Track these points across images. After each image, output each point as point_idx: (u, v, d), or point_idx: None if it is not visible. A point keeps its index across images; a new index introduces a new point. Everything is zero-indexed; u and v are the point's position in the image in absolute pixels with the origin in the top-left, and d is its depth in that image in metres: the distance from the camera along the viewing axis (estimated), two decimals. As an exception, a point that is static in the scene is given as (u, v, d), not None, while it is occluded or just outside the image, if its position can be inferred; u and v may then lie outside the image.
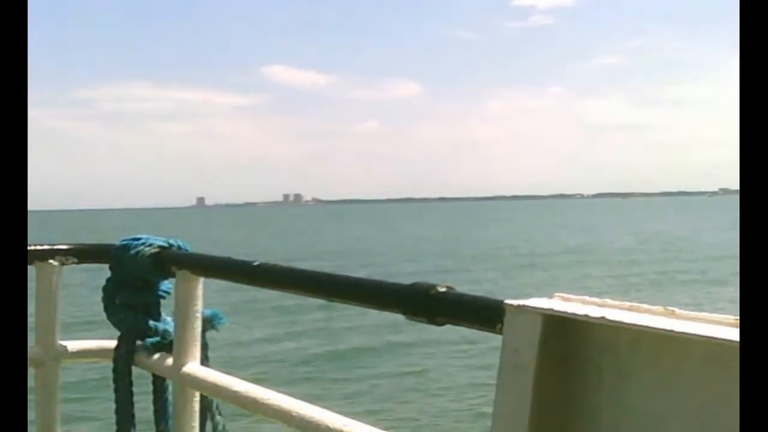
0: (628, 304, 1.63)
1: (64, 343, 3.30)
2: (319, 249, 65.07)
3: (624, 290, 34.07)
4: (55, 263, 3.26)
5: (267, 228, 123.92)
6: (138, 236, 3.19)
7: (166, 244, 3.15)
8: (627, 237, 74.19)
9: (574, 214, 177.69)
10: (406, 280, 2.23)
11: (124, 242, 3.20)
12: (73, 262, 3.31)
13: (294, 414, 2.41)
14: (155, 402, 3.23)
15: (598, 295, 1.77)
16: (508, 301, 1.74)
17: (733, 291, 33.79)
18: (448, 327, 2.04)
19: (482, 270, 44.72)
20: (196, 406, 3.01)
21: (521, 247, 63.48)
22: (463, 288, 2.05)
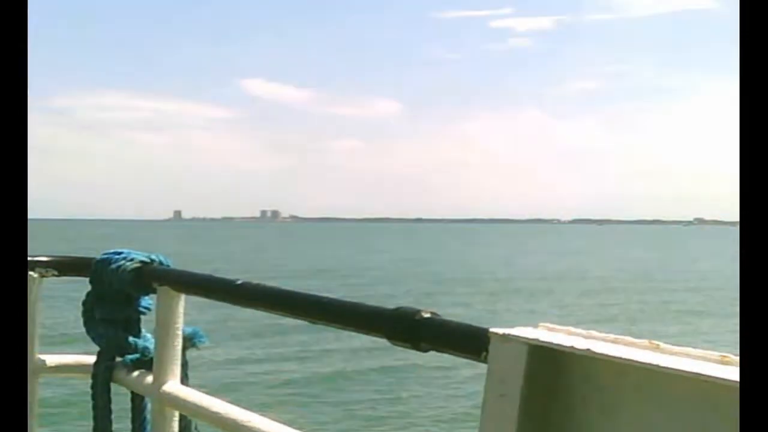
0: (613, 336, 1.63)
1: (42, 356, 3.26)
2: (297, 268, 64.52)
3: (606, 319, 33.95)
4: (35, 275, 3.24)
5: (245, 244, 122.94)
6: (119, 250, 3.16)
7: (147, 259, 3.13)
8: (607, 264, 74.14)
9: (551, 239, 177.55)
10: (389, 303, 2.23)
11: (105, 256, 3.17)
12: (53, 275, 3.28)
13: None
14: (133, 420, 3.20)
15: (581, 323, 1.77)
16: (493, 330, 1.74)
17: (711, 323, 33.99)
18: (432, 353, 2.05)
19: (464, 295, 44.35)
20: (176, 425, 2.98)
21: (501, 271, 63.33)
22: (445, 314, 2.05)
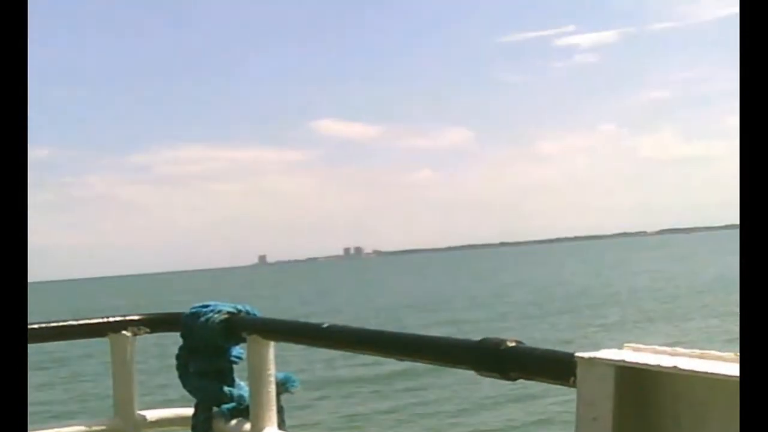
0: (699, 351, 1.63)
1: (142, 412, 3.35)
2: (392, 303, 63.39)
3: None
4: (128, 334, 3.33)
5: (336, 284, 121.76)
6: (206, 303, 3.25)
7: (234, 310, 3.20)
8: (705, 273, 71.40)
9: (645, 253, 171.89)
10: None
11: (194, 310, 3.25)
12: (146, 332, 3.38)
13: None
14: None
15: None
16: (579, 354, 1.75)
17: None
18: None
19: (608, 316, 42.54)
20: None
21: (606, 289, 61.62)
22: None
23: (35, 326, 3.28)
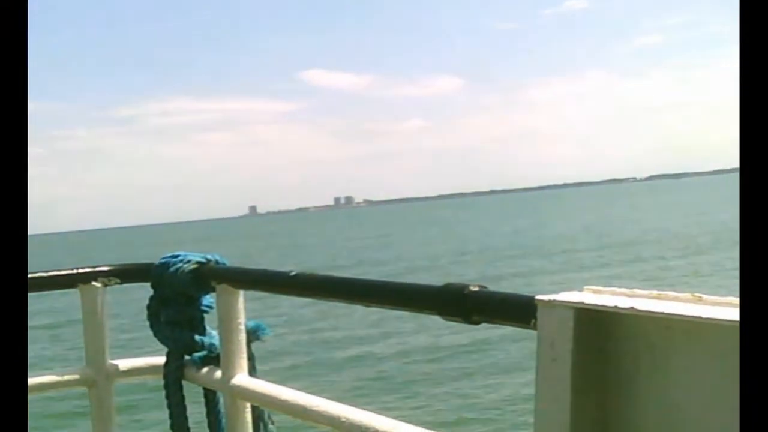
0: (656, 292, 1.66)
1: (114, 362, 3.37)
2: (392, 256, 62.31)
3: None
4: (99, 285, 3.34)
5: (335, 234, 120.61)
6: (176, 253, 3.27)
7: (203, 260, 3.22)
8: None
9: (636, 199, 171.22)
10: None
11: (164, 260, 3.27)
12: (116, 283, 3.38)
13: (343, 419, 2.46)
14: (208, 415, 3.29)
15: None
16: (539, 297, 1.77)
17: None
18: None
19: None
20: (249, 416, 3.06)
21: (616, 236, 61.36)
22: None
23: None
